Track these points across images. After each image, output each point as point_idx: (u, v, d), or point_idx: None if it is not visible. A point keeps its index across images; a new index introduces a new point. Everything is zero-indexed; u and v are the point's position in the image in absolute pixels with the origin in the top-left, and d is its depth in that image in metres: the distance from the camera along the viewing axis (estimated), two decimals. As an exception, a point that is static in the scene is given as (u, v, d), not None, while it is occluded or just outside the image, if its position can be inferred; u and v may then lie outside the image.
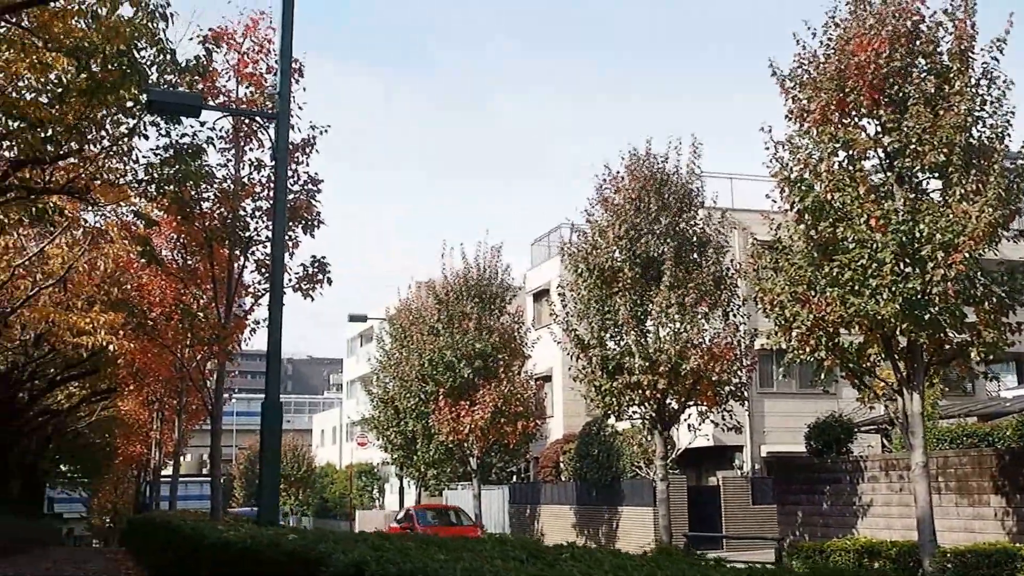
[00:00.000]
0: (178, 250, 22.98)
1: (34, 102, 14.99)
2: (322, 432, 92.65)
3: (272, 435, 13.72)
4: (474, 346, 37.15)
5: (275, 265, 14.17)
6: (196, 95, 15.02)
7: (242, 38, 20.29)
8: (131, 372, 30.95)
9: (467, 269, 39.20)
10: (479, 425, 36.19)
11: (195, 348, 22.60)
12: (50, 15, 14.23)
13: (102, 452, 56.46)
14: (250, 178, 20.42)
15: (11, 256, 23.42)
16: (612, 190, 28.53)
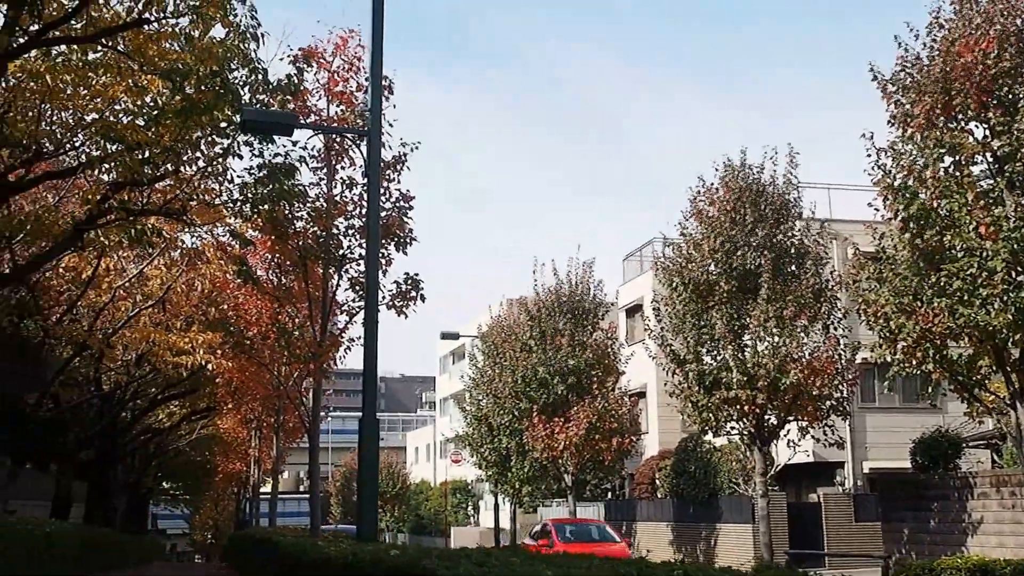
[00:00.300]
0: (273, 270, 23.12)
1: (131, 125, 15.16)
2: (416, 450, 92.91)
3: (370, 452, 13.65)
4: (567, 362, 36.86)
5: (369, 283, 14.12)
6: (289, 113, 15.07)
7: (332, 57, 20.35)
8: (229, 391, 31.18)
9: (559, 285, 38.94)
10: (573, 442, 35.85)
11: (291, 366, 22.75)
12: (144, 38, 14.38)
13: (202, 469, 57.13)
14: (342, 196, 20.44)
15: (112, 278, 23.77)
16: (706, 202, 28.19)
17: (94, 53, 14.89)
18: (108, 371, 28.94)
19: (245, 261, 17.80)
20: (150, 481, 52.08)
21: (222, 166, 16.15)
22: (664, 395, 42.55)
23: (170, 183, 16.23)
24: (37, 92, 15.00)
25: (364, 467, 13.75)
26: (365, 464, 13.73)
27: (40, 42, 13.47)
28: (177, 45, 14.69)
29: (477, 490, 67.61)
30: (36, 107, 15.54)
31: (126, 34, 14.25)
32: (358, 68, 20.34)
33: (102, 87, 15.14)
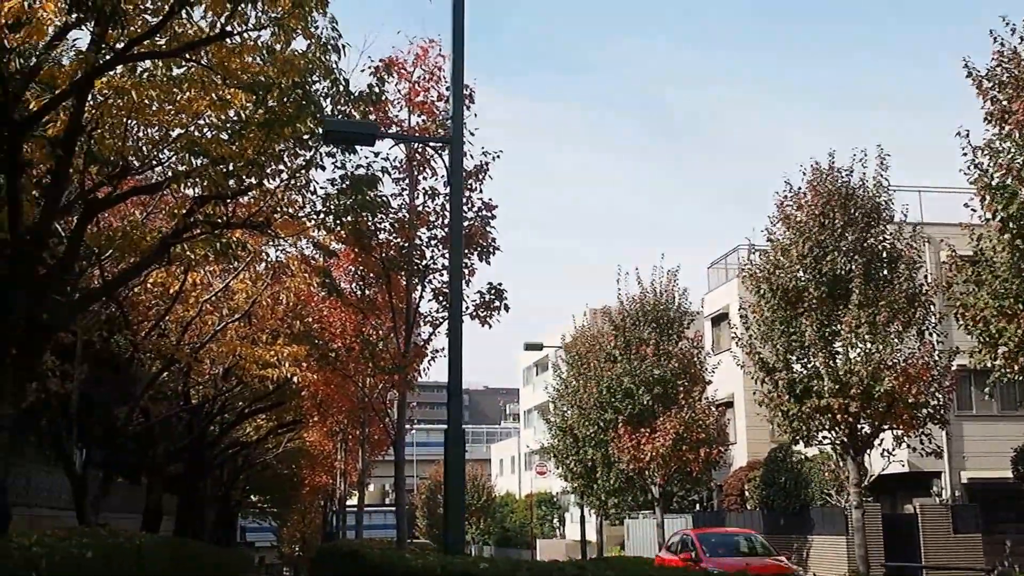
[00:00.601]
0: (357, 282, 23.19)
1: (215, 139, 15.23)
2: (500, 462, 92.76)
3: (456, 464, 13.55)
4: (653, 372, 36.51)
5: (453, 293, 14.03)
6: (371, 123, 15.05)
7: (412, 67, 20.38)
8: (315, 403, 31.34)
9: (643, 294, 38.63)
10: (660, 453, 35.48)
11: (376, 378, 22.80)
12: (227, 51, 14.41)
13: (290, 482, 57.46)
14: (424, 207, 20.43)
15: (199, 292, 23.99)
16: (794, 207, 27.77)
17: (178, 68, 14.97)
18: (196, 385, 29.18)
19: (329, 273, 17.80)
20: (239, 494, 52.52)
21: (305, 178, 16.17)
22: (752, 404, 42.00)
23: (254, 196, 16.28)
24: (123, 108, 15.12)
25: (450, 479, 13.67)
26: (451, 476, 13.65)
27: (125, 58, 13.55)
28: (259, 58, 14.73)
29: (562, 502, 67.30)
30: (122, 123, 15.66)
31: (209, 48, 14.31)
32: (439, 78, 20.37)
33: (187, 102, 15.23)
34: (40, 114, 13.71)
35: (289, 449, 47.58)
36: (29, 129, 13.73)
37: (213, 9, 13.39)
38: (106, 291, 17.21)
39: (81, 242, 15.93)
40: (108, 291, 17.57)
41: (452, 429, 13.47)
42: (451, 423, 13.54)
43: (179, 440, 29.29)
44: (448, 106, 16.80)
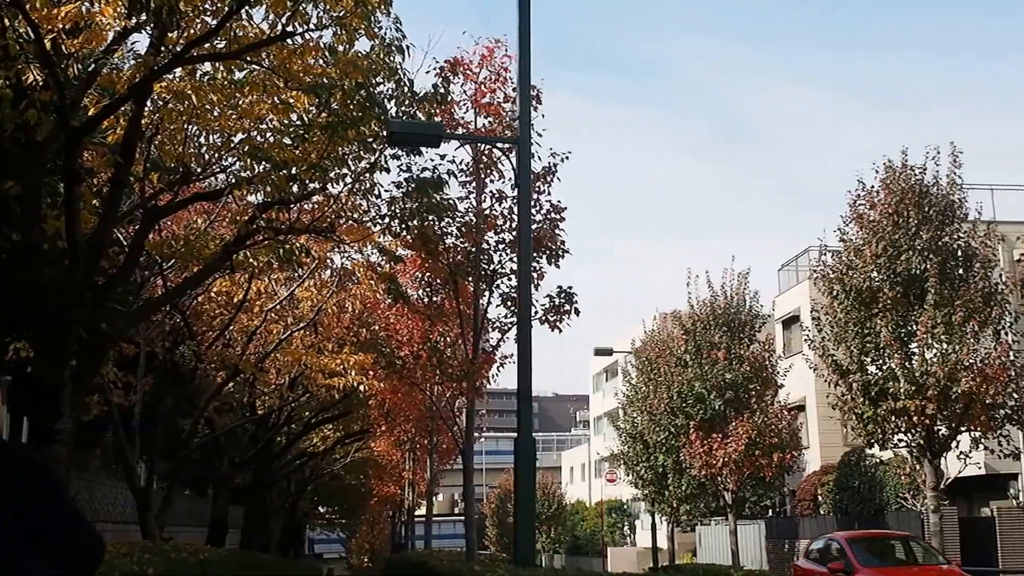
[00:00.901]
0: (423, 289, 22.82)
1: (278, 143, 14.94)
2: (571, 469, 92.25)
3: (526, 473, 13.09)
4: (724, 376, 35.78)
5: (522, 296, 13.54)
6: (436, 124, 14.63)
7: (478, 68, 19.95)
8: (382, 413, 31.08)
9: (714, 297, 37.94)
10: (733, 458, 34.77)
11: (444, 385, 22.35)
12: (288, 53, 14.11)
13: (357, 493, 57.39)
14: (492, 210, 19.98)
15: (263, 301, 23.79)
16: (867, 206, 27.05)
17: (239, 72, 14.71)
18: (262, 396, 29.03)
19: (395, 279, 17.38)
20: (306, 505, 52.50)
21: (370, 182, 15.81)
22: (825, 408, 41.18)
23: (318, 201, 15.95)
24: (184, 113, 14.89)
25: (521, 489, 13.18)
26: (522, 486, 13.17)
27: (184, 60, 13.26)
28: (321, 60, 14.43)
29: (633, 509, 66.68)
30: (183, 129, 15.43)
31: (270, 50, 14.00)
32: (505, 79, 19.92)
33: (248, 106, 14.97)
34: (98, 119, 13.47)
35: (356, 459, 47.46)
36: (87, 134, 13.50)
37: (274, 9, 13.09)
38: (167, 299, 16.97)
39: (142, 251, 15.69)
40: (169, 299, 17.34)
41: (522, 436, 13.02)
42: (521, 430, 13.09)
43: (245, 451, 29.15)
44: (515, 107, 16.33)
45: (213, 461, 29.19)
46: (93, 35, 13.56)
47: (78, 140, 13.33)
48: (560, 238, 19.39)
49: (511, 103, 19.64)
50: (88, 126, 13.50)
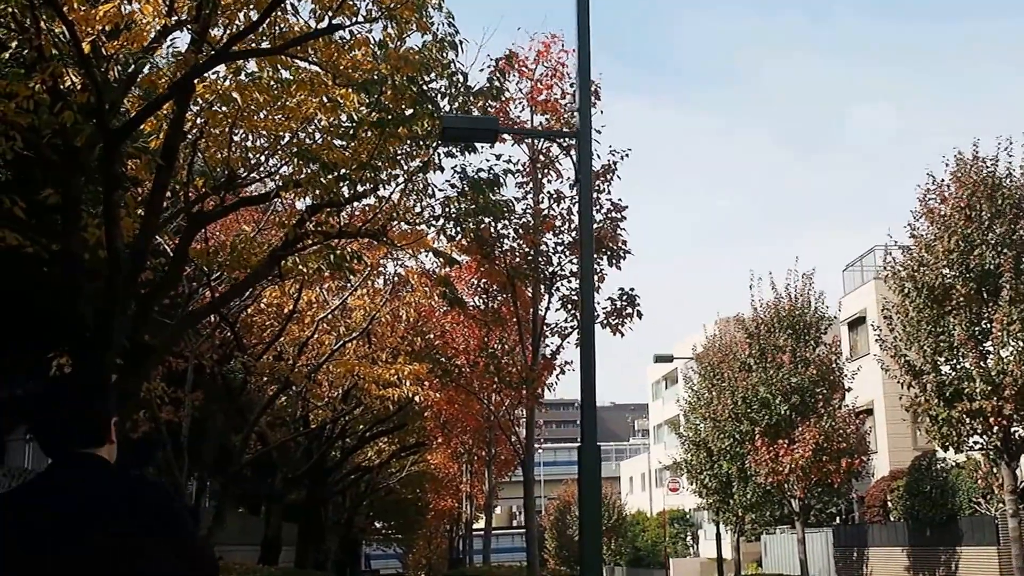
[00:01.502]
0: (480, 295, 22.06)
1: (327, 143, 14.26)
2: (631, 479, 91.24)
3: (591, 483, 12.23)
4: (790, 381, 34.78)
5: (584, 296, 12.69)
6: (492, 118, 13.84)
7: (534, 64, 19.20)
8: (438, 424, 30.40)
9: (778, 299, 36.89)
10: (800, 464, 33.73)
11: (503, 393, 21.43)
12: (336, 48, 13.42)
13: (414, 507, 56.85)
14: (550, 210, 19.18)
15: (315, 311, 23.18)
16: (937, 200, 25.99)
17: (285, 70, 14.06)
18: (315, 409, 28.44)
19: (450, 283, 16.50)
20: (362, 521, 52.01)
21: (423, 182, 15.05)
22: (893, 412, 40.09)
23: (369, 203, 15.21)
24: (229, 115, 14.26)
25: (585, 499, 12.31)
26: (586, 496, 12.30)
27: (226, 56, 12.60)
28: (371, 55, 13.75)
29: (695, 519, 65.56)
30: (227, 131, 14.79)
31: (317, 46, 13.32)
32: (562, 75, 19.17)
33: (296, 105, 14.32)
34: (137, 120, 12.83)
35: (413, 473, 46.93)
36: (125, 137, 12.88)
37: (319, 2, 12.44)
38: (213, 308, 16.31)
39: (186, 258, 15.05)
40: (215, 309, 16.68)
41: (587, 444, 12.17)
42: (586, 437, 12.26)
43: (298, 467, 28.57)
44: (573, 103, 15.53)
45: (266, 477, 28.63)
46: (134, 36, 13.04)
47: (117, 143, 12.72)
48: (621, 237, 18.57)
49: (569, 100, 18.85)
50: (127, 128, 12.88)
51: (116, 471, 3.60)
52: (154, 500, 3.50)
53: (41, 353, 19.92)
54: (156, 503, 3.49)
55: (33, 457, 27.78)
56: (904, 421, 38.21)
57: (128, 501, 3.46)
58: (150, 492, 3.53)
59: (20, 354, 19.76)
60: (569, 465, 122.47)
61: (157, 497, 3.53)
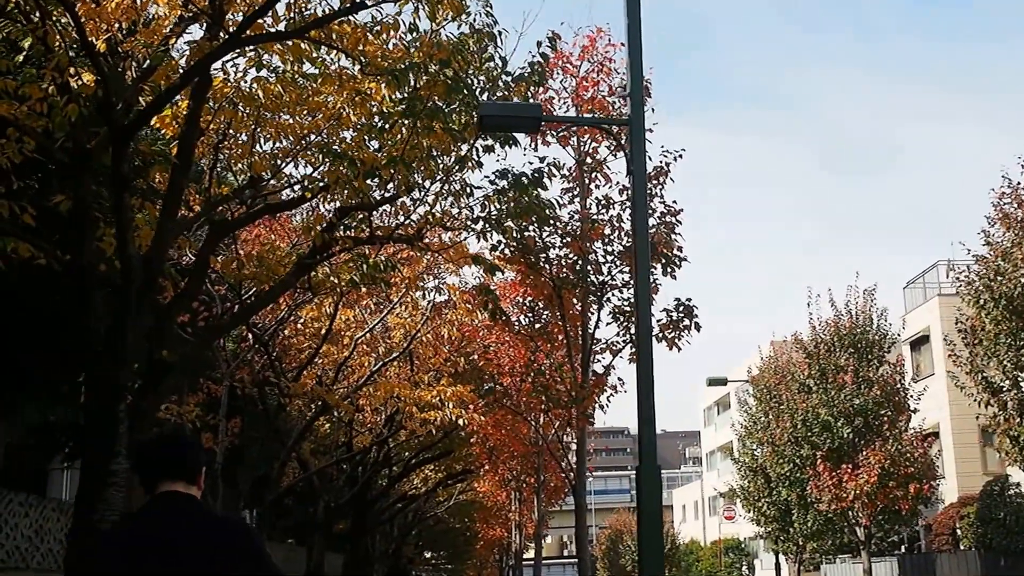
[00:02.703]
0: (525, 314, 20.80)
1: (356, 141, 13.12)
2: (683, 507, 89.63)
3: (651, 508, 10.96)
4: (852, 402, 33.20)
5: (640, 300, 11.40)
6: (534, 105, 12.60)
7: (579, 60, 17.96)
8: (485, 450, 29.19)
9: (837, 317, 35.31)
10: (865, 490, 32.10)
11: (552, 413, 20.02)
12: (363, 33, 12.29)
13: (463, 537, 56.00)
14: (599, 217, 17.88)
15: (353, 330, 22.13)
16: (1013, 204, 24.43)
17: (310, 65, 12.96)
18: (358, 435, 27.36)
19: (492, 291, 15.14)
20: (411, 550, 50.99)
21: (460, 181, 13.82)
22: (961, 435, 38.39)
23: (402, 205, 14.00)
24: (252, 115, 13.18)
25: (645, 525, 11.01)
26: (646, 522, 11.01)
27: (242, 41, 11.50)
28: (401, 41, 12.64)
29: (751, 548, 63.81)
30: (251, 132, 13.69)
31: (341, 30, 12.20)
32: (609, 70, 17.90)
33: (322, 100, 13.22)
34: (148, 113, 11.74)
35: (461, 501, 45.92)
36: (135, 132, 11.80)
37: (341, -20, 11.37)
38: (237, 321, 15.18)
39: (207, 268, 13.93)
40: (239, 321, 15.60)
41: (646, 464, 10.89)
42: (644, 457, 10.98)
43: (341, 495, 27.47)
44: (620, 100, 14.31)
45: (309, 506, 27.57)
46: (152, 32, 12.06)
47: (126, 140, 11.65)
48: (677, 243, 17.21)
49: (616, 97, 17.61)
50: (137, 123, 11.80)
51: (206, 509, 4.37)
52: (239, 536, 4.21)
53: (68, 373, 18.98)
54: (242, 539, 4.19)
55: (70, 487, 26.88)
56: (973, 444, 36.54)
57: (218, 536, 4.13)
58: (236, 529, 4.26)
59: (46, 376, 18.77)
60: (620, 493, 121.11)
61: (242, 533, 4.24)
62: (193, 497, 4.25)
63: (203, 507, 4.32)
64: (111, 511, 11.07)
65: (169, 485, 4.20)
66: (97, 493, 11.04)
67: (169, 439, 4.62)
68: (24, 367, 18.22)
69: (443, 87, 11.94)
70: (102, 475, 11.11)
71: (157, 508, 4.17)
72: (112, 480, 11.10)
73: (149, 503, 4.23)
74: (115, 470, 11.13)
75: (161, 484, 4.21)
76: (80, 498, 11.44)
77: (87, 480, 11.29)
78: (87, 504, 11.11)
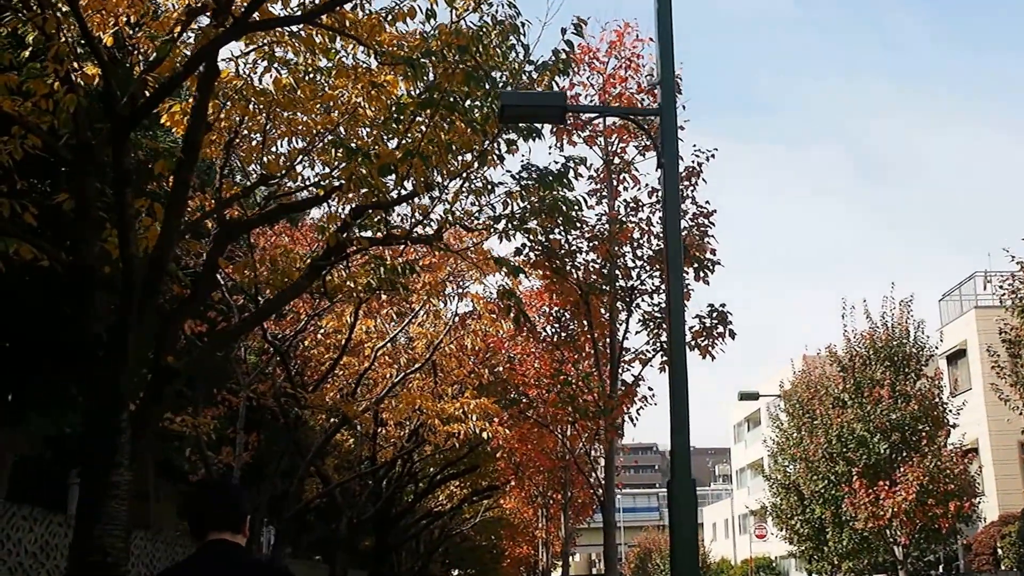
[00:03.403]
0: (552, 324, 20.03)
1: (372, 137, 12.47)
2: (713, 525, 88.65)
3: (685, 524, 10.13)
4: (889, 417, 32.24)
5: (672, 295, 10.64)
6: (559, 93, 11.83)
7: (606, 57, 17.24)
8: (511, 465, 28.47)
9: (873, 329, 34.36)
10: (903, 508, 31.10)
11: (579, 425, 19.16)
12: (378, 19, 11.64)
13: (489, 554, 55.41)
14: (628, 219, 17.11)
15: (374, 340, 21.50)
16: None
17: (323, 57, 12.36)
18: (380, 449, 26.73)
19: (514, 294, 14.37)
20: (437, 568, 50.40)
21: (481, 178, 13.12)
22: (1001, 451, 37.34)
23: (421, 202, 13.32)
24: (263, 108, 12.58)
25: (679, 542, 10.18)
26: (680, 539, 10.17)
27: (249, 26, 10.86)
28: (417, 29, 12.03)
29: (783, 567, 62.79)
30: (263, 127, 13.08)
31: (354, 17, 11.56)
32: (637, 67, 17.16)
33: (336, 95, 12.59)
34: (150, 103, 11.13)
35: (488, 519, 45.25)
36: (136, 123, 11.20)
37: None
38: (247, 326, 14.47)
39: (216, 270, 13.31)
40: (250, 326, 14.89)
41: (679, 476, 10.09)
42: (677, 468, 10.16)
43: (364, 511, 26.80)
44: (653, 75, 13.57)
45: (331, 522, 26.97)
46: (160, 24, 11.50)
47: (128, 132, 11.05)
48: (710, 246, 16.41)
49: (644, 94, 16.86)
50: (139, 113, 11.19)
51: (252, 557, 4.87)
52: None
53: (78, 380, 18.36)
54: None
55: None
56: (1014, 461, 35.53)
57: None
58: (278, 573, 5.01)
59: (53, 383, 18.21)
60: (649, 511, 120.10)
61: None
62: (239, 545, 4.52)
63: (249, 555, 4.69)
64: (113, 525, 10.41)
65: (217, 534, 4.49)
66: (98, 506, 10.39)
67: (218, 488, 4.99)
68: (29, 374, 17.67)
69: (462, 76, 11.26)
70: (102, 487, 10.45)
71: (207, 555, 4.45)
72: (113, 492, 10.44)
73: (199, 551, 4.51)
74: (116, 481, 10.47)
75: (211, 533, 4.49)
76: (80, 512, 10.80)
77: (87, 492, 10.64)
78: (87, 518, 10.48)
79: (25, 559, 13.70)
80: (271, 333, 21.05)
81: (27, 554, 13.79)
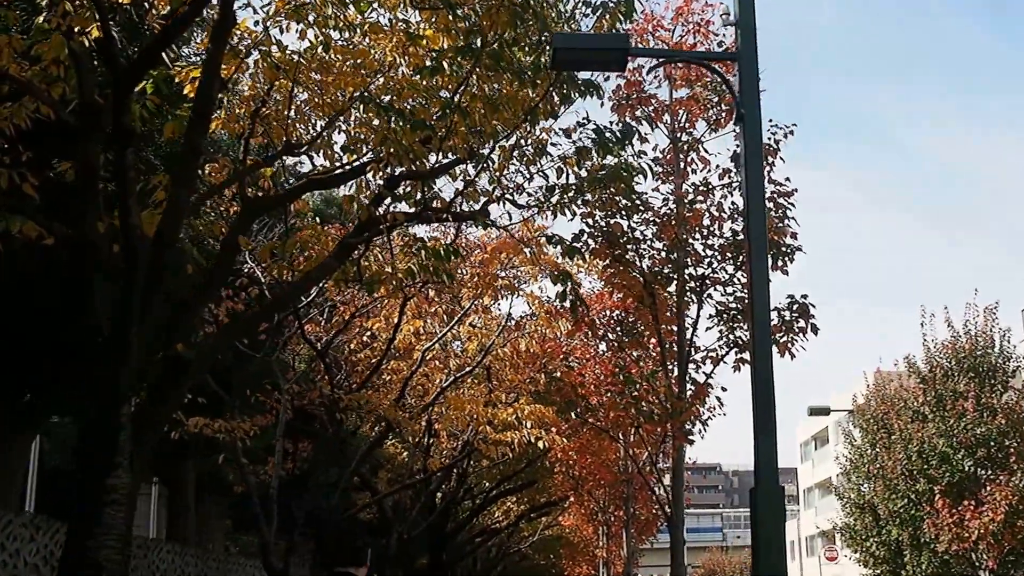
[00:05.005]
0: (612, 327, 18.40)
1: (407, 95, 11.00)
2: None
3: (773, 532, 8.58)
4: (974, 432, 30.39)
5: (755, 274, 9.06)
6: (621, 35, 10.22)
7: (672, 24, 15.67)
8: (569, 479, 27.02)
9: (955, 338, 32.42)
10: (991, 530, 29.17)
11: (643, 430, 17.39)
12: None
13: (548, 574, 54.26)
14: (696, 204, 15.47)
15: (423, 343, 20.11)
16: None
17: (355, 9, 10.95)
18: (432, 459, 25.45)
19: (570, 276, 12.69)
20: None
21: (534, 142, 11.57)
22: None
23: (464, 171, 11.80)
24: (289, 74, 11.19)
25: (763, 556, 8.60)
26: (762, 556, 8.59)
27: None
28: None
29: (854, 591, 60.63)
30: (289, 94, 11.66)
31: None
32: (706, 33, 15.60)
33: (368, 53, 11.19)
34: (152, 53, 9.80)
35: (546, 536, 43.95)
36: (137, 76, 9.88)
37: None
38: (269, 310, 13.05)
39: (237, 251, 11.86)
40: (268, 313, 13.43)
41: (764, 484, 8.55)
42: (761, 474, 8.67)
43: (415, 526, 25.44)
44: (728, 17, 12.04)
45: (380, 537, 25.75)
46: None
47: (129, 85, 9.71)
48: (790, 229, 14.70)
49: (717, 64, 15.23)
50: (140, 63, 9.85)
51: None
52: None
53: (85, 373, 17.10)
54: None
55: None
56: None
57: None
58: None
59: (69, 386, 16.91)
60: (711, 532, 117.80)
61: None
62: None
63: None
64: (109, 535, 9.03)
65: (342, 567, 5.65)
66: (93, 513, 9.02)
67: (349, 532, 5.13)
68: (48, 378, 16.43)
69: (507, 15, 9.75)
70: (99, 491, 9.08)
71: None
72: (111, 498, 9.08)
73: None
74: (114, 484, 9.11)
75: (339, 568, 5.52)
76: (74, 519, 9.46)
77: (81, 497, 9.29)
78: (82, 526, 9.14)
79: (23, 571, 12.37)
80: (314, 336, 19.89)
81: (27, 565, 12.45)
